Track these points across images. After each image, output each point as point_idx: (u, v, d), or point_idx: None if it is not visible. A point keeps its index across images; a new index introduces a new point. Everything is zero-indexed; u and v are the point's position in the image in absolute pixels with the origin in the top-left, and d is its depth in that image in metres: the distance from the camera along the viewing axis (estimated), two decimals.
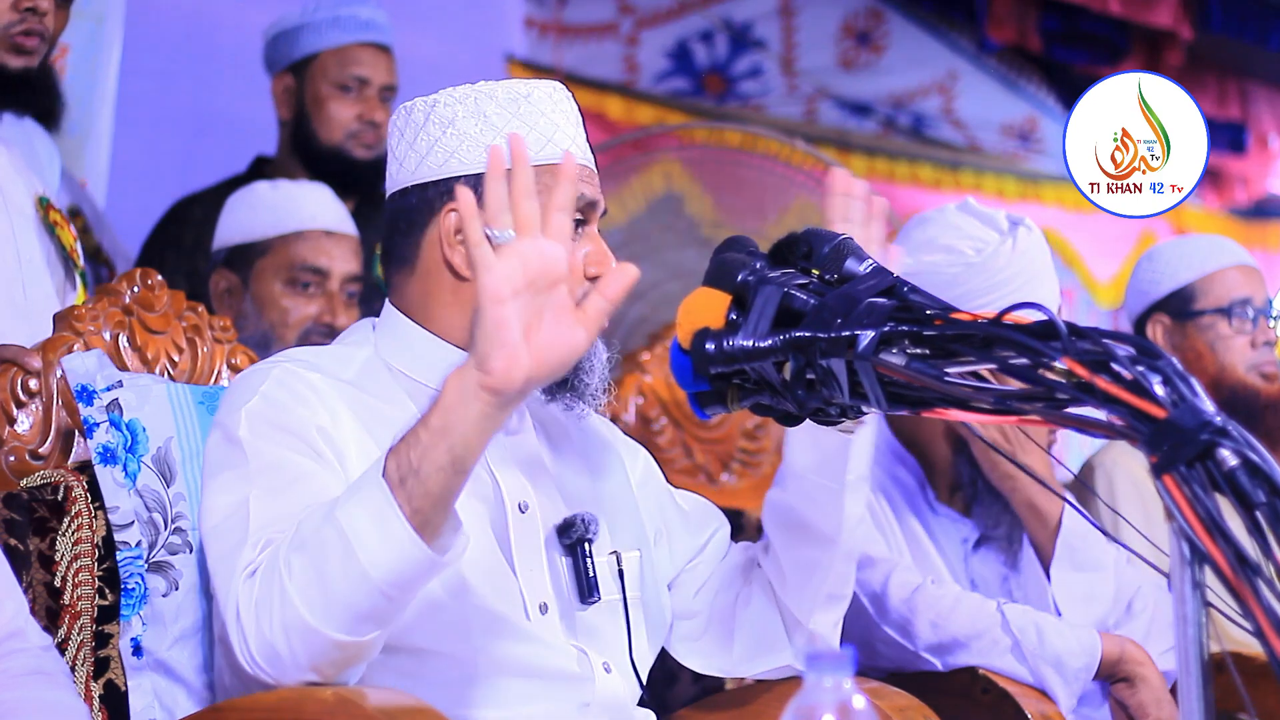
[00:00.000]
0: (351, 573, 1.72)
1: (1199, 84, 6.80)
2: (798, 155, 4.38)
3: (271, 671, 1.78)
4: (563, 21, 5.61)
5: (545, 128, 2.02)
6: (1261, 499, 1.39)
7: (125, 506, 2.09)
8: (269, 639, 1.76)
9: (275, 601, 1.76)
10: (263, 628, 1.76)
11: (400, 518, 1.71)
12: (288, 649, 1.75)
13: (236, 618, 1.79)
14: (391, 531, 1.71)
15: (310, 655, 1.76)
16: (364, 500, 1.73)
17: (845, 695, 1.32)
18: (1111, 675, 2.41)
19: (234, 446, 1.92)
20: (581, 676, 2.01)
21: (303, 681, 1.79)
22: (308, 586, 1.74)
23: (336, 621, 1.74)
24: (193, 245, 3.57)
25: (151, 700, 2.06)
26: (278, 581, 1.76)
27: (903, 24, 6.47)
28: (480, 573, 1.96)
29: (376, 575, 1.72)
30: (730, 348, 1.74)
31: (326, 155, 3.66)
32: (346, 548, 1.72)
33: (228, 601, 1.81)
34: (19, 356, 2.19)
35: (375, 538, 1.71)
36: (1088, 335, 1.51)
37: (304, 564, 1.75)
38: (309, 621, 1.74)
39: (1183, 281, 3.27)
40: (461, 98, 2.04)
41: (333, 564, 1.73)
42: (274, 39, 3.76)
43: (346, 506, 1.74)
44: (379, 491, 1.72)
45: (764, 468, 3.23)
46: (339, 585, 1.73)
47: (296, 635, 1.75)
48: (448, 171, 2.02)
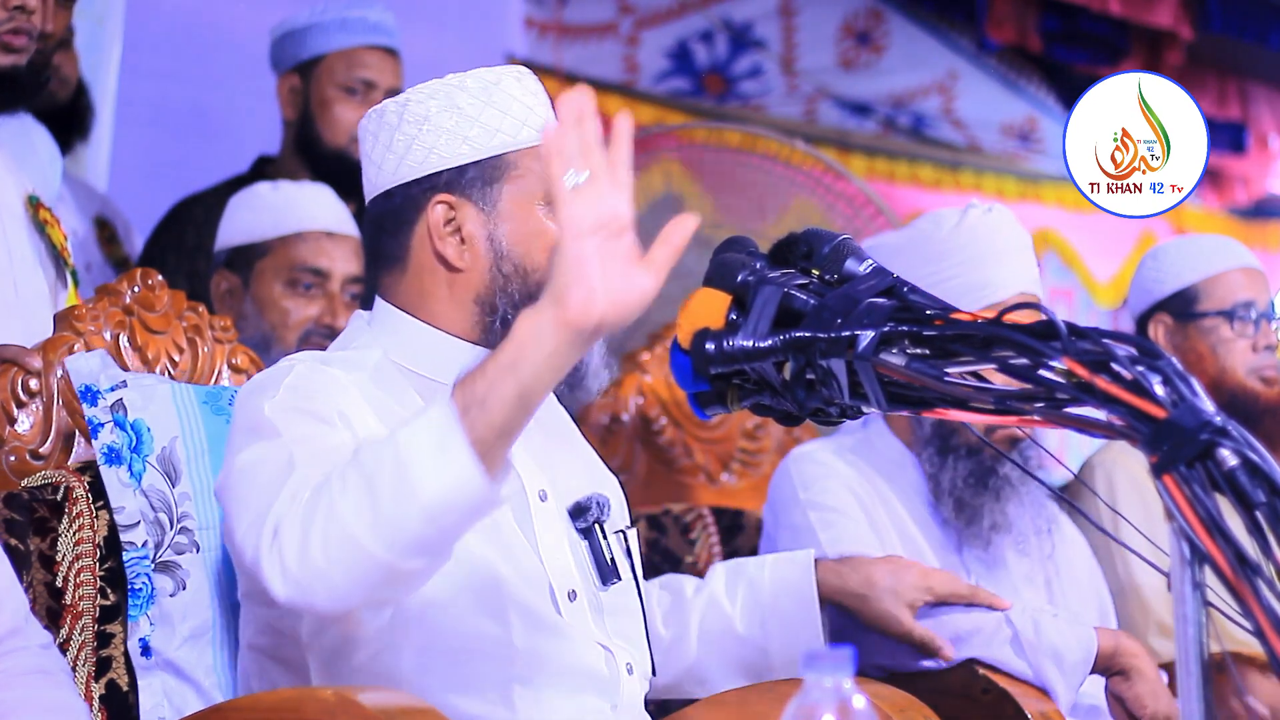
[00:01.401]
0: (404, 494, 1.69)
1: (1199, 84, 6.79)
2: (798, 155, 4.37)
3: (307, 590, 1.73)
4: (563, 21, 5.61)
5: (519, 112, 2.05)
6: (1261, 499, 1.39)
7: (131, 507, 2.09)
8: (311, 553, 1.72)
9: (321, 513, 1.73)
10: (306, 540, 1.72)
11: (463, 443, 1.68)
12: (326, 562, 1.71)
13: (274, 535, 1.75)
14: (451, 456, 1.69)
15: (349, 572, 1.71)
16: (427, 424, 1.71)
17: (845, 695, 1.32)
18: (1107, 669, 2.42)
19: (262, 424, 1.89)
20: (610, 678, 2.03)
21: (336, 609, 1.75)
22: (358, 501, 1.71)
23: (382, 540, 1.70)
24: (194, 245, 3.57)
25: (161, 700, 2.07)
26: (327, 495, 1.73)
27: (903, 24, 6.47)
28: (512, 565, 1.98)
29: (429, 500, 1.69)
30: (730, 348, 1.74)
31: (330, 157, 3.66)
32: (401, 468, 1.70)
33: (264, 525, 1.77)
34: (19, 356, 2.19)
35: (433, 461, 1.69)
36: (1088, 335, 1.52)
37: (357, 480, 1.72)
38: (354, 533, 1.70)
39: (1186, 282, 3.27)
40: (432, 93, 2.06)
41: (385, 482, 1.70)
42: (280, 39, 3.75)
43: (408, 429, 1.72)
44: (444, 416, 1.70)
45: (764, 468, 3.23)
46: (389, 503, 1.70)
47: (338, 547, 1.71)
48: (429, 167, 2.04)
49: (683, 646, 2.29)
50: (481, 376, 1.70)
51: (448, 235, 2.04)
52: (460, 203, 2.03)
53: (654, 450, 3.14)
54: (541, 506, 2.06)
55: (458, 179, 2.03)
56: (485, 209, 2.03)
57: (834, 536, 2.59)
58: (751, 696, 2.20)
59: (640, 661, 2.09)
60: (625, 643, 2.08)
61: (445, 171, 2.04)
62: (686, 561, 2.93)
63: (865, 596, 2.35)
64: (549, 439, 2.14)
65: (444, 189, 2.04)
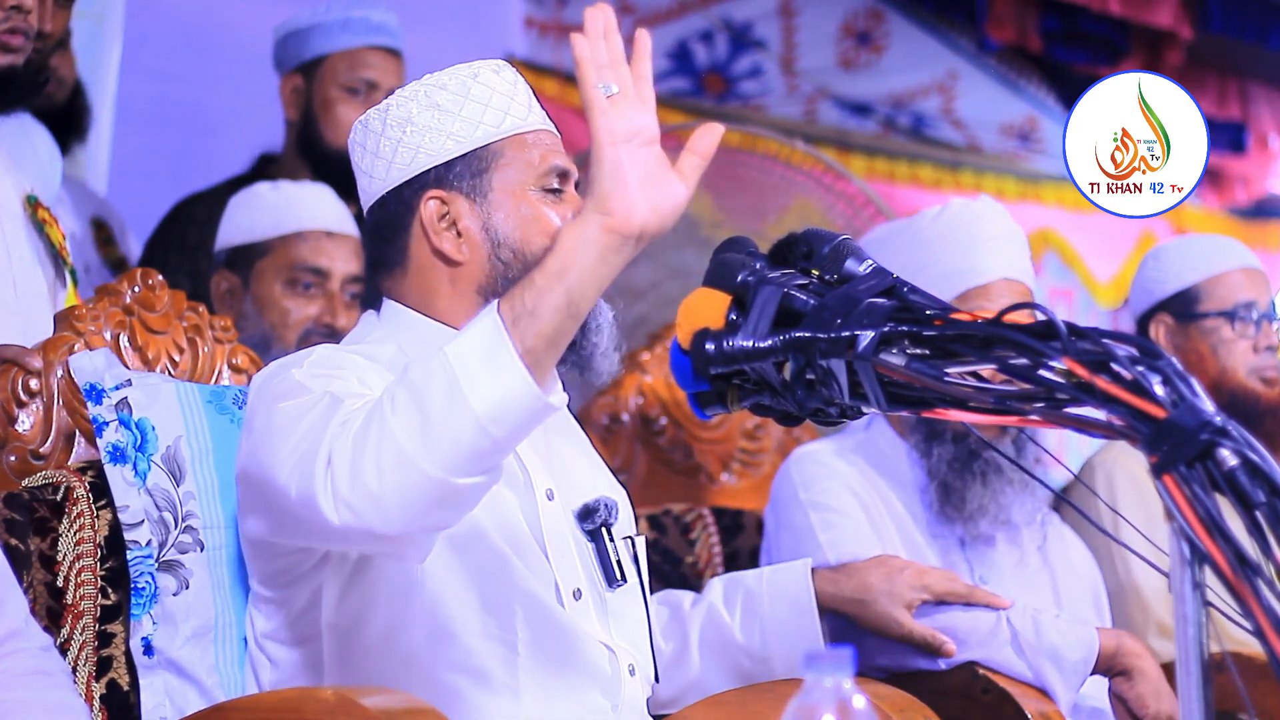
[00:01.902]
0: (456, 406, 1.70)
1: (1199, 84, 6.79)
2: (798, 155, 4.37)
3: (361, 513, 1.73)
4: (563, 21, 5.60)
5: (500, 102, 2.07)
6: (1261, 499, 1.39)
7: (135, 506, 2.09)
8: (364, 476, 1.72)
9: (374, 435, 1.73)
10: (359, 463, 1.73)
11: (513, 354, 1.70)
12: (380, 484, 1.72)
13: (327, 464, 1.75)
14: (502, 366, 1.71)
15: (404, 494, 1.72)
16: (475, 338, 1.73)
17: (845, 695, 1.32)
18: (1109, 669, 2.42)
19: (292, 388, 1.89)
20: (612, 677, 2.04)
21: (390, 532, 1.74)
22: (409, 418, 1.71)
23: (436, 457, 1.71)
24: (196, 244, 3.56)
25: (163, 699, 2.07)
26: (378, 417, 1.74)
27: (903, 24, 6.46)
28: (519, 560, 1.99)
29: (481, 409, 1.70)
30: (730, 348, 1.74)
31: (332, 157, 3.65)
32: (452, 382, 1.71)
33: (316, 458, 1.77)
34: (19, 356, 2.19)
35: (484, 373, 1.71)
36: (1088, 335, 1.52)
37: (407, 397, 1.73)
38: (408, 453, 1.71)
39: (1187, 283, 3.27)
40: (412, 95, 2.09)
41: (437, 398, 1.71)
42: (284, 39, 3.75)
43: (455, 345, 1.74)
44: (492, 328, 1.72)
45: (764, 468, 3.23)
46: (442, 419, 1.70)
47: (391, 467, 1.71)
48: (417, 167, 2.06)
49: (685, 659, 2.29)
50: (529, 287, 1.73)
51: (443, 230, 2.05)
52: (452, 197, 2.05)
53: (654, 450, 3.14)
54: (548, 505, 2.07)
55: (446, 174, 2.06)
56: (477, 200, 2.05)
57: (834, 537, 2.59)
58: (751, 696, 2.20)
59: (643, 665, 2.10)
60: (629, 645, 2.08)
61: (433, 169, 2.06)
62: (687, 561, 2.93)
63: (862, 601, 2.35)
64: (557, 442, 2.15)
65: (434, 185, 2.06)
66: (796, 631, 2.27)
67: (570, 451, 2.17)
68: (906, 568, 2.39)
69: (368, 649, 1.96)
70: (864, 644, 2.35)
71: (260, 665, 2.05)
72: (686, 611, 2.32)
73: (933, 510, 2.68)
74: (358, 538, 1.77)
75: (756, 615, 2.29)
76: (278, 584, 2.01)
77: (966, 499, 2.65)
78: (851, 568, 2.38)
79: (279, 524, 1.89)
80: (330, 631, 1.98)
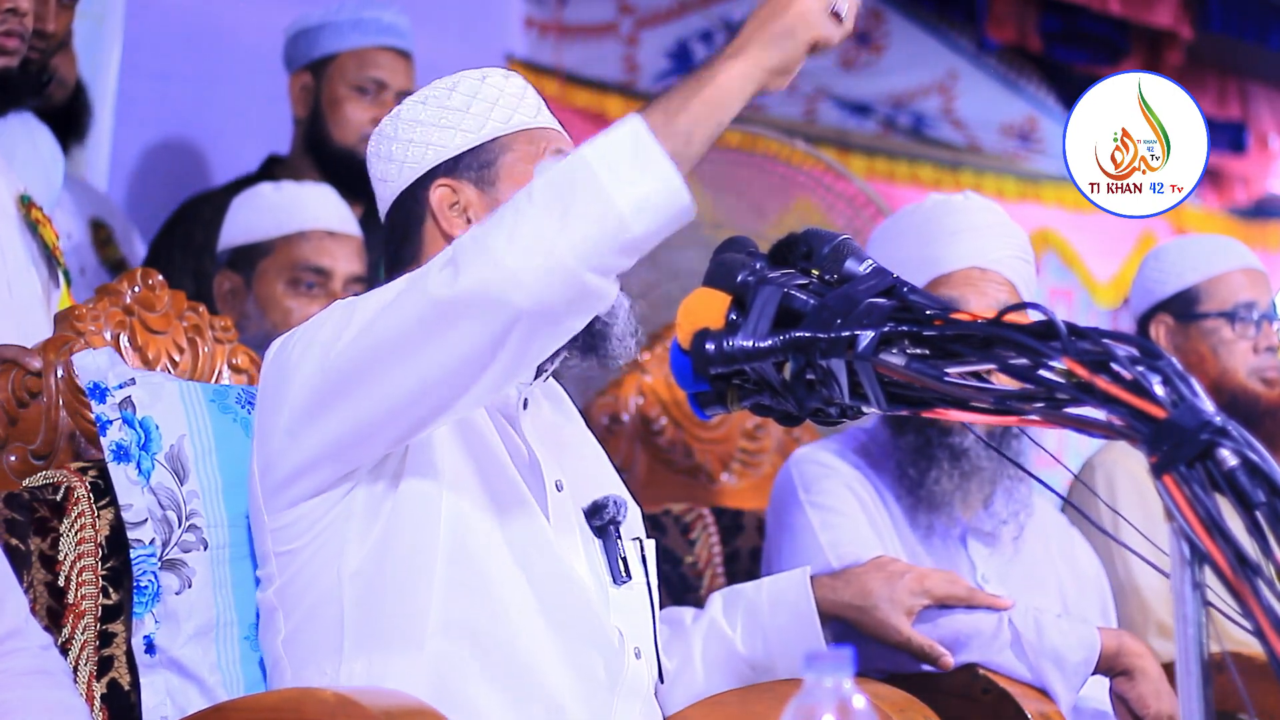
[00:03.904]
0: (599, 198, 1.73)
1: (1199, 84, 6.78)
2: (798, 155, 4.37)
3: (495, 286, 1.75)
4: (563, 21, 5.60)
5: (509, 102, 2.11)
6: (1261, 499, 1.39)
7: (139, 504, 2.09)
8: (497, 255, 1.75)
9: (507, 222, 1.76)
10: (489, 249, 1.76)
11: (660, 152, 1.75)
12: (515, 259, 1.74)
13: (444, 264, 1.79)
14: (648, 164, 1.75)
15: (540, 274, 1.74)
16: (618, 139, 1.77)
17: (845, 695, 1.32)
18: (1110, 669, 2.42)
19: (329, 318, 1.94)
20: (616, 653, 2.04)
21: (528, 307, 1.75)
22: (549, 208, 1.74)
23: (574, 244, 1.74)
24: (202, 243, 3.57)
25: (164, 698, 2.07)
26: (510, 209, 1.77)
27: (903, 24, 6.46)
28: (534, 548, 2.00)
29: (625, 203, 1.74)
30: (730, 348, 1.74)
31: (340, 157, 3.66)
32: (594, 177, 1.74)
33: (428, 271, 1.81)
34: (19, 356, 2.19)
35: (631, 168, 1.74)
36: (1088, 335, 1.52)
37: (546, 191, 1.76)
38: (546, 236, 1.73)
39: (1188, 283, 3.27)
40: (422, 98, 2.13)
41: (579, 191, 1.74)
42: (294, 37, 3.76)
43: (593, 147, 1.77)
44: (637, 131, 1.76)
45: (764, 468, 3.23)
46: (584, 209, 1.74)
47: (526, 249, 1.74)
48: (427, 164, 2.10)
49: (689, 674, 2.29)
50: (683, 110, 1.79)
51: (454, 217, 2.09)
52: (460, 185, 2.09)
53: (654, 450, 3.14)
54: (557, 495, 2.08)
55: (454, 166, 2.10)
56: (484, 188, 2.09)
57: (835, 538, 2.59)
58: (751, 696, 2.20)
59: (648, 653, 2.10)
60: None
61: (442, 163, 2.10)
62: (686, 561, 2.93)
63: (862, 608, 2.35)
64: (568, 438, 2.16)
65: (443, 175, 2.09)
66: (798, 639, 2.27)
67: (581, 451, 2.19)
68: (907, 572, 2.38)
69: (385, 599, 1.97)
70: (864, 649, 2.35)
71: (270, 629, 2.05)
72: (688, 627, 2.32)
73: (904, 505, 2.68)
74: (495, 304, 1.76)
75: (758, 626, 2.29)
76: (290, 536, 2.00)
77: (925, 485, 2.64)
78: (850, 573, 2.38)
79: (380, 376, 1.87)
80: (353, 581, 1.97)
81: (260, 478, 2.01)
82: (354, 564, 1.96)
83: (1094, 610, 2.79)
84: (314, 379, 1.90)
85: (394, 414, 1.88)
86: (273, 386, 1.97)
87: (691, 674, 2.28)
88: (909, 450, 2.66)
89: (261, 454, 2.00)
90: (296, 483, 1.97)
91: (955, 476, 2.64)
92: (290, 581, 2.01)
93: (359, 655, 1.94)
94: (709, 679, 2.28)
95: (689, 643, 2.30)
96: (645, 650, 2.09)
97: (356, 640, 1.95)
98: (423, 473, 1.97)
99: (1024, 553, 2.74)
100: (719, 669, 2.28)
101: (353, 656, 1.94)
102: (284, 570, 2.02)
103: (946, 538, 2.69)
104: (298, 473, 1.96)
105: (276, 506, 2.00)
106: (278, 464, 1.97)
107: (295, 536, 2.00)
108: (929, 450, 2.64)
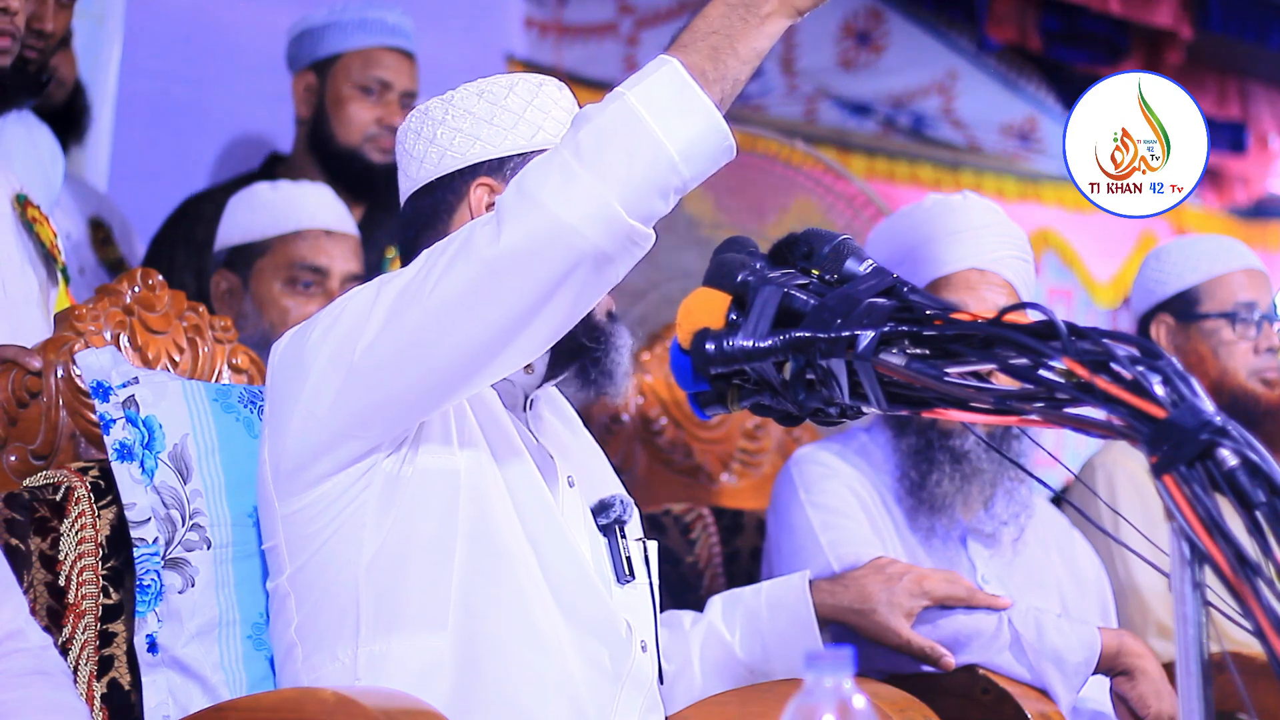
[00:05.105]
0: (649, 141, 1.76)
1: (1199, 84, 6.79)
2: (798, 155, 4.37)
3: (537, 227, 1.78)
4: (563, 21, 5.60)
5: (561, 115, 2.11)
6: (1261, 499, 1.39)
7: (142, 503, 2.09)
8: (553, 209, 1.77)
9: (555, 173, 1.78)
10: (537, 198, 1.78)
11: (703, 97, 1.77)
12: (563, 209, 1.77)
13: (488, 221, 1.81)
14: (692, 109, 1.77)
15: (593, 222, 1.77)
16: (661, 82, 1.78)
17: (845, 695, 1.32)
18: (1111, 669, 2.42)
19: (345, 308, 1.94)
20: (624, 641, 2.04)
21: (585, 250, 1.78)
22: (599, 159, 1.77)
23: (626, 197, 1.77)
24: (203, 242, 3.57)
25: (166, 697, 2.07)
26: (556, 155, 1.79)
27: (903, 24, 6.46)
28: (547, 535, 2.02)
29: (674, 146, 1.76)
30: (730, 348, 1.74)
31: (343, 156, 3.66)
32: (641, 120, 1.76)
33: (473, 229, 1.83)
34: (19, 356, 2.19)
35: (677, 113, 1.76)
36: (1088, 335, 1.52)
37: (594, 143, 1.77)
38: (600, 184, 1.76)
39: (1188, 284, 3.27)
40: (479, 91, 2.12)
41: (622, 137, 1.76)
42: (298, 37, 3.76)
43: (635, 93, 1.78)
44: (678, 76, 1.78)
45: (764, 468, 3.23)
46: (631, 153, 1.76)
47: (576, 197, 1.77)
48: (472, 158, 2.09)
49: (687, 677, 2.29)
50: (722, 58, 1.79)
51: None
52: (500, 186, 2.08)
53: (654, 450, 3.14)
54: (568, 491, 2.10)
55: (499, 168, 2.09)
56: None
57: (836, 538, 2.59)
58: (751, 696, 2.20)
59: (653, 648, 2.10)
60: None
61: (487, 161, 2.09)
62: (686, 561, 2.93)
63: (861, 611, 2.35)
64: (570, 443, 2.17)
65: (485, 174, 2.09)
66: (797, 644, 2.27)
67: (587, 451, 2.21)
68: (905, 573, 2.38)
69: (407, 579, 1.97)
70: (864, 650, 2.34)
71: (280, 621, 2.05)
72: (687, 630, 2.33)
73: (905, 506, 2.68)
74: (533, 261, 1.79)
75: (756, 631, 2.29)
76: (304, 520, 1.99)
77: (926, 487, 2.64)
78: (849, 577, 2.37)
79: (414, 340, 1.88)
80: (372, 563, 1.97)
81: (272, 465, 2.01)
82: (372, 547, 1.97)
83: (1094, 611, 2.79)
84: (343, 358, 1.91)
85: (439, 381, 1.90)
86: (289, 373, 1.96)
87: (690, 677, 2.29)
88: (910, 452, 2.66)
89: (275, 441, 2.00)
90: (318, 461, 1.95)
91: (956, 479, 2.64)
92: (303, 567, 2.00)
93: (377, 638, 1.94)
94: (707, 682, 2.28)
95: (687, 646, 2.30)
96: (651, 646, 2.10)
97: (374, 622, 1.95)
98: (441, 455, 1.98)
99: (1024, 554, 2.74)
100: (717, 673, 2.28)
101: (370, 639, 1.94)
102: (297, 556, 2.01)
103: (947, 539, 2.69)
104: (320, 449, 1.95)
105: (290, 491, 1.99)
106: (295, 447, 1.96)
107: (309, 520, 1.99)
108: (930, 453, 2.64)
